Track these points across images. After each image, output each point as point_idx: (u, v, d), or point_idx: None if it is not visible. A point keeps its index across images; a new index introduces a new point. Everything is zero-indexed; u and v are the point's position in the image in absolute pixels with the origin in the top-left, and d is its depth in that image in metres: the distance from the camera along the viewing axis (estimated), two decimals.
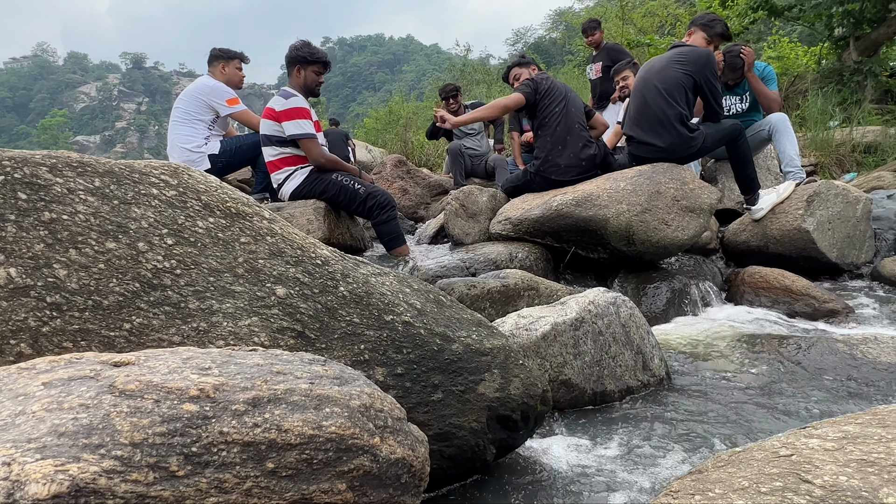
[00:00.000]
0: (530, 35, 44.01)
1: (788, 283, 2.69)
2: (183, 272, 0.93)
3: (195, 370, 0.58)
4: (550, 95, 3.24)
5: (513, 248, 2.95)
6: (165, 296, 0.91)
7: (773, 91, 3.67)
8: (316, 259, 1.06)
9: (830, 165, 7.18)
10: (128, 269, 0.89)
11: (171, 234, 0.92)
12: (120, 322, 0.89)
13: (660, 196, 2.75)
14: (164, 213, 0.92)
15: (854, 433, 0.71)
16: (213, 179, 1.03)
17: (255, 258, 0.99)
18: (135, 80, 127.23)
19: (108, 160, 0.93)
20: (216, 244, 0.96)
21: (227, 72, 3.79)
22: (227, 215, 0.99)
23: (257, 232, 1.01)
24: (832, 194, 3.15)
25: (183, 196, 0.96)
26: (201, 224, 0.95)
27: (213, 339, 0.94)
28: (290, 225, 1.09)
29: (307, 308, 1.02)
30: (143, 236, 0.90)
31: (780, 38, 10.54)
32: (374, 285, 1.12)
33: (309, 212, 3.20)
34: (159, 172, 0.96)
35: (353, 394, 0.63)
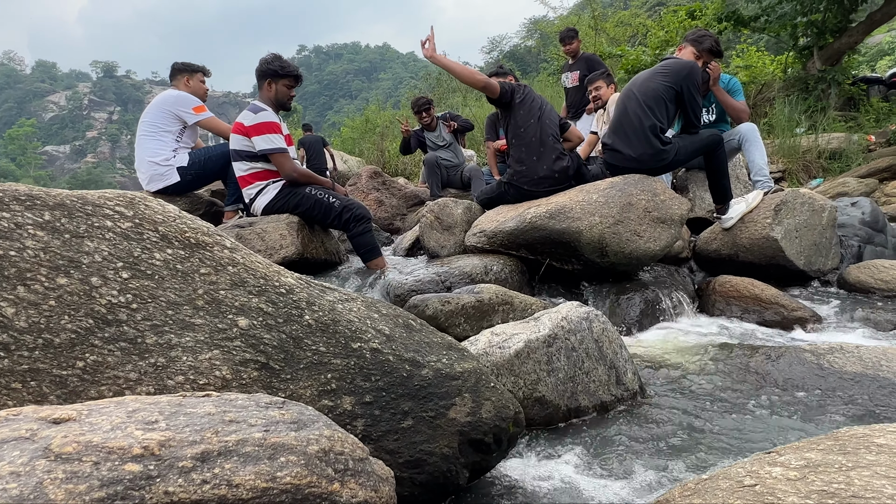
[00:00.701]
0: (506, 43, 44.39)
1: (758, 292, 2.73)
2: (139, 306, 0.90)
3: (140, 425, 0.56)
4: (525, 105, 3.26)
5: (488, 260, 2.95)
6: (121, 331, 0.88)
7: (740, 102, 3.74)
8: (280, 288, 1.04)
9: (798, 171, 7.38)
10: (80, 305, 0.86)
11: (126, 267, 0.89)
12: (73, 360, 0.86)
13: (632, 208, 2.78)
14: (119, 246, 0.89)
15: (816, 461, 0.71)
16: (171, 209, 1.00)
17: (215, 289, 0.96)
18: (106, 88, 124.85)
19: (59, 192, 0.90)
20: (175, 276, 0.93)
21: (191, 85, 3.74)
22: (187, 246, 0.96)
23: (218, 262, 0.99)
24: (799, 203, 3.22)
25: (139, 227, 0.93)
26: (159, 256, 0.92)
27: (171, 375, 0.91)
28: (253, 253, 1.06)
29: (271, 338, 1.00)
30: (96, 271, 0.87)
31: (748, 46, 10.81)
32: (340, 312, 1.10)
33: (282, 227, 3.16)
34: (114, 204, 0.93)
35: (310, 438, 0.61)
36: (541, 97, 3.38)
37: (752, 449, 1.43)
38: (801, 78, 8.82)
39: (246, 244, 3.03)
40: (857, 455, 0.71)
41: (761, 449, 1.41)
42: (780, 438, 1.48)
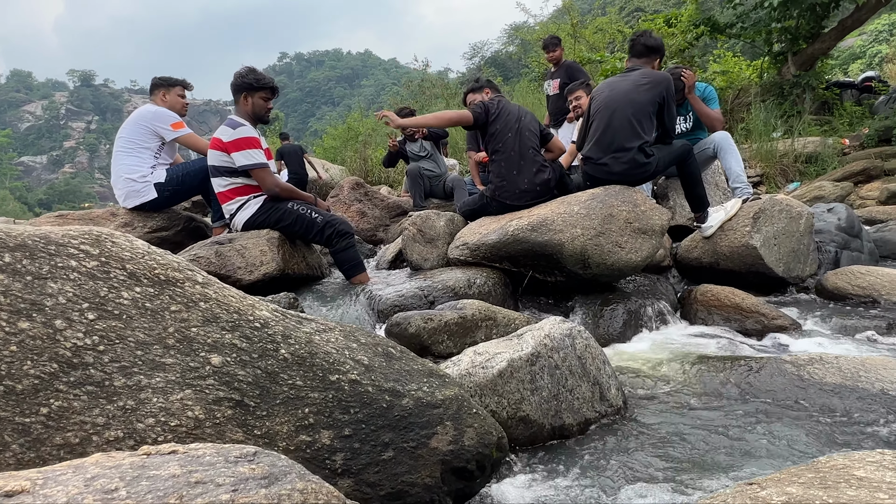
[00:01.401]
0: (487, 49, 44.65)
1: (738, 301, 2.76)
2: (107, 348, 0.87)
3: (99, 494, 0.53)
4: (501, 119, 3.25)
5: (471, 273, 2.93)
6: (87, 375, 0.85)
7: (715, 110, 3.79)
8: (254, 322, 1.01)
9: (775, 175, 7.50)
10: (44, 349, 0.83)
11: (92, 308, 0.87)
12: (36, 407, 0.82)
13: (613, 219, 2.79)
14: (84, 287, 0.86)
15: (797, 497, 0.71)
16: (139, 245, 0.97)
17: (187, 327, 0.94)
18: (83, 97, 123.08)
19: (21, 231, 0.86)
20: (143, 315, 0.90)
21: (168, 100, 3.66)
22: (156, 283, 0.93)
23: (189, 298, 0.96)
24: (776, 210, 3.26)
25: (106, 266, 0.90)
26: (126, 295, 0.90)
27: (141, 418, 0.88)
28: (227, 286, 1.04)
29: (245, 375, 0.98)
30: (60, 313, 0.84)
31: (725, 52, 10.98)
32: (317, 344, 1.08)
33: (262, 242, 3.12)
34: (79, 242, 0.90)
35: (282, 495, 0.59)
36: (518, 108, 3.37)
37: (734, 468, 1.44)
38: (776, 83, 8.98)
39: (226, 261, 2.99)
40: (838, 489, 0.70)
41: (744, 470, 1.42)
42: (763, 457, 1.48)
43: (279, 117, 49.15)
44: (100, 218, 3.46)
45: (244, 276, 3.00)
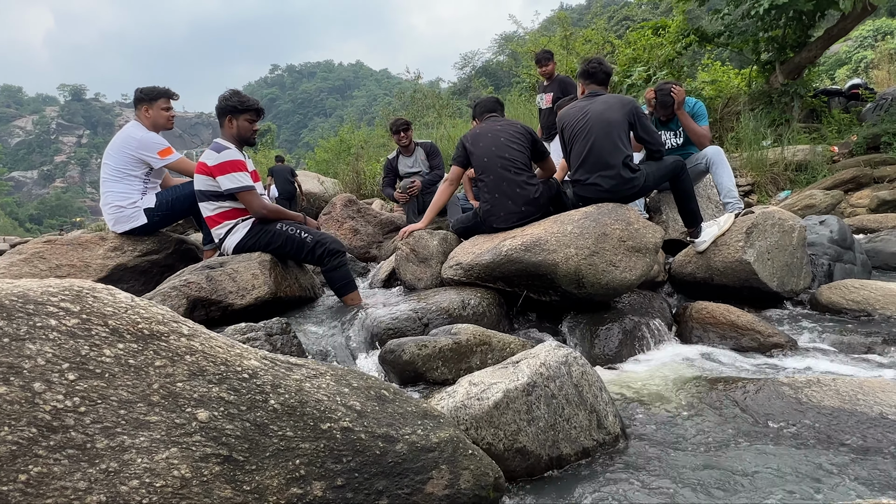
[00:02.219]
0: (478, 59, 44.92)
1: (734, 319, 2.74)
2: (88, 409, 0.84)
3: None
4: (478, 149, 3.31)
5: (465, 294, 2.91)
6: (68, 438, 0.82)
7: (703, 127, 3.81)
8: (242, 373, 0.99)
9: (766, 184, 7.54)
10: (22, 414, 0.80)
11: (73, 368, 0.84)
12: (14, 474, 0.79)
13: (606, 238, 2.78)
14: (64, 346, 0.84)
15: None
16: (122, 299, 0.94)
17: (172, 382, 0.91)
18: (74, 112, 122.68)
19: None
20: (127, 372, 0.88)
21: (151, 115, 3.52)
22: (139, 338, 0.91)
23: (174, 352, 0.93)
24: (769, 224, 3.26)
25: (87, 323, 0.87)
26: (109, 352, 0.87)
27: (125, 480, 0.85)
28: (214, 335, 1.01)
29: (234, 428, 0.95)
30: (39, 375, 0.81)
31: (713, 61, 11.08)
32: (308, 392, 1.05)
33: (254, 266, 3.09)
34: (59, 300, 0.87)
35: None
36: (498, 130, 3.35)
37: (733, 499, 1.41)
38: (764, 92, 9.05)
39: (217, 285, 2.95)
40: None
41: (743, 501, 1.40)
42: (762, 488, 1.46)
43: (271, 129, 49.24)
44: (89, 242, 3.41)
45: (236, 300, 2.96)
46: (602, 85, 3.37)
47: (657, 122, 3.94)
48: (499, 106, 3.60)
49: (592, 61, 3.40)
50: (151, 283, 3.51)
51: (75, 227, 46.85)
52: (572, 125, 3.18)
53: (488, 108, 3.56)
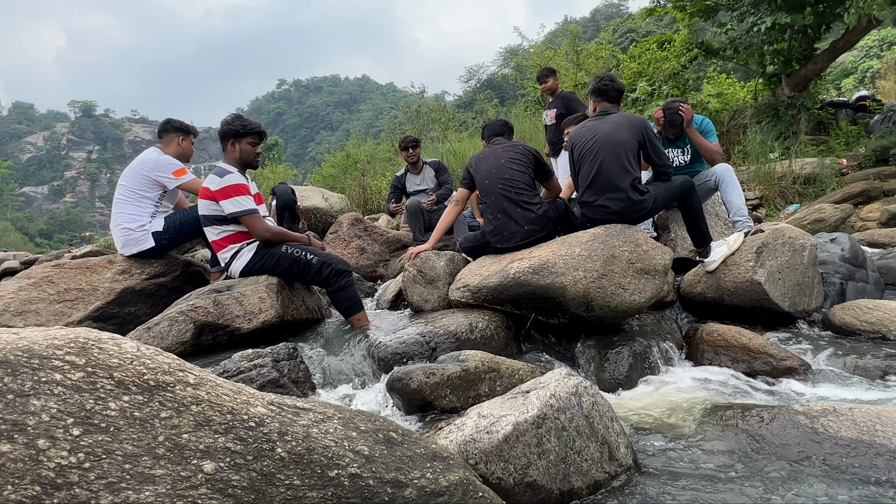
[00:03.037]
0: (483, 72, 45.20)
1: (745, 342, 2.70)
2: (93, 464, 0.83)
3: None
4: (480, 172, 3.35)
5: (473, 317, 2.89)
6: (72, 495, 0.81)
7: (713, 143, 3.79)
8: (249, 421, 0.97)
9: (774, 197, 7.48)
10: (25, 472, 0.79)
11: (78, 423, 0.83)
12: None
13: (615, 260, 2.75)
14: (69, 401, 0.83)
15: None
16: (128, 349, 0.93)
17: (178, 433, 0.90)
18: (84, 128, 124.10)
19: (2, 346, 0.83)
20: (132, 425, 0.86)
21: (183, 146, 3.71)
22: (145, 390, 0.90)
23: (180, 403, 0.92)
24: (779, 243, 3.23)
25: (92, 377, 0.86)
26: (114, 405, 0.86)
27: None
28: (221, 382, 1.00)
29: (240, 479, 0.93)
30: (43, 432, 0.80)
31: (718, 74, 11.08)
32: (315, 438, 1.03)
33: (261, 289, 3.09)
34: (64, 353, 0.86)
35: None
36: (500, 152, 3.37)
37: None
38: (771, 104, 9.02)
39: (224, 309, 2.94)
40: None
41: None
42: None
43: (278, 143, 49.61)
44: (97, 266, 3.43)
45: (243, 324, 2.96)
46: (614, 102, 3.35)
47: (665, 140, 3.92)
48: (506, 129, 3.60)
49: (604, 78, 3.38)
50: (159, 305, 3.51)
51: (85, 242, 47.21)
52: (581, 145, 3.17)
53: (495, 132, 3.57)
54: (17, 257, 14.35)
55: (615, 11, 50.18)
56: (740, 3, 8.81)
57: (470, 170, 3.43)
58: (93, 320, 3.25)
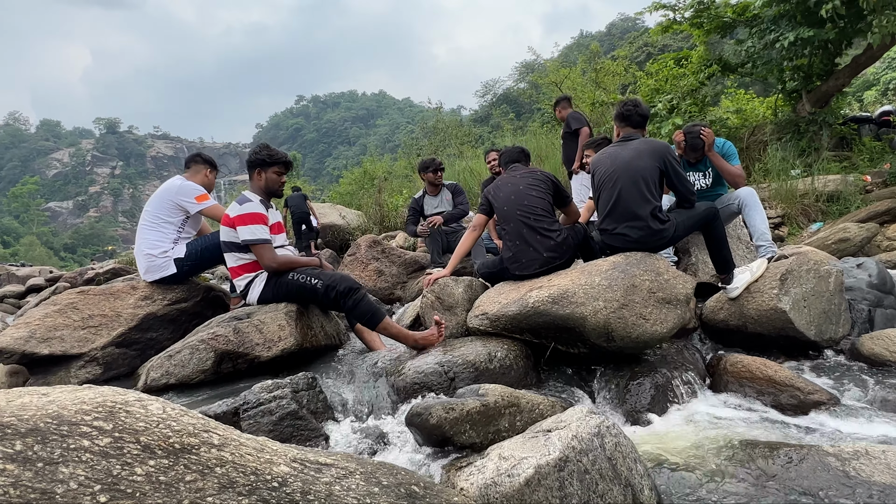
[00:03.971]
0: (499, 87, 45.45)
1: (771, 374, 2.64)
2: None
3: None
4: (499, 199, 3.36)
5: (491, 346, 2.87)
6: None
7: (735, 166, 3.74)
8: (272, 482, 0.97)
9: (796, 215, 7.36)
10: None
11: (104, 489, 0.83)
12: None
13: (635, 290, 2.72)
14: (96, 468, 0.83)
15: None
16: (154, 412, 0.94)
17: (202, 497, 0.90)
18: (108, 144, 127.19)
19: (33, 414, 0.84)
20: (157, 490, 0.86)
21: (210, 177, 3.87)
22: (171, 453, 0.90)
23: (205, 465, 0.92)
24: (804, 270, 3.17)
25: (119, 442, 0.87)
26: (140, 470, 0.86)
27: None
28: (245, 440, 1.00)
29: None
30: (71, 500, 0.81)
31: (737, 90, 10.99)
32: (338, 496, 1.03)
33: (280, 317, 3.12)
34: (92, 418, 0.87)
35: None
36: (518, 178, 3.38)
37: None
38: (791, 120, 8.92)
39: (244, 338, 2.97)
40: None
41: None
42: None
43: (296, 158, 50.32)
44: (121, 292, 3.48)
45: (262, 352, 2.98)
46: (638, 128, 3.33)
47: (686, 163, 3.89)
48: (523, 156, 3.61)
49: (628, 103, 3.37)
50: (180, 330, 3.56)
51: (107, 256, 48.15)
52: (601, 172, 3.16)
53: (512, 159, 3.58)
54: (41, 273, 14.68)
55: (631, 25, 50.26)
56: (759, 20, 8.75)
57: (488, 196, 3.44)
58: (115, 346, 3.30)
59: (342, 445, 2.31)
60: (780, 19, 8.23)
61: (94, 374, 3.19)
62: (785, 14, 8.19)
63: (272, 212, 3.33)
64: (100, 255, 50.66)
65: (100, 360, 3.22)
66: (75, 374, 3.16)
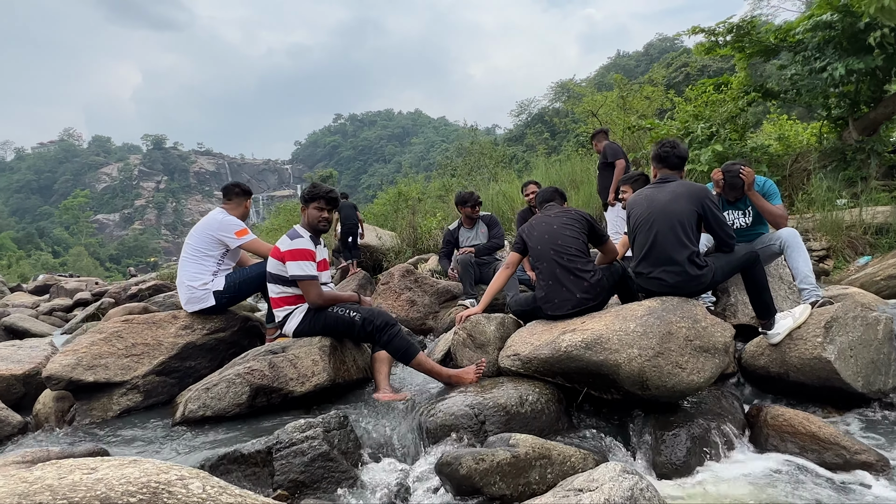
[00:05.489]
0: (534, 106, 45.50)
1: (815, 430, 2.54)
2: None
3: None
4: (533, 237, 3.36)
5: (523, 389, 2.85)
6: None
7: (777, 206, 3.64)
8: None
9: (842, 248, 7.09)
10: None
11: None
12: None
13: (672, 337, 2.67)
14: None
15: None
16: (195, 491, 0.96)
17: None
18: (155, 159, 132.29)
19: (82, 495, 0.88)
20: None
21: (248, 207, 4.01)
22: None
23: None
24: (851, 317, 3.05)
25: None
26: None
27: None
28: None
29: None
30: None
31: (779, 115, 10.74)
32: None
33: (314, 352, 3.17)
34: (137, 500, 0.90)
35: None
36: (552, 217, 3.38)
37: None
38: (837, 148, 8.64)
39: (279, 372, 3.03)
40: None
41: None
42: None
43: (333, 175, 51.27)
44: (163, 321, 3.60)
45: (296, 387, 3.03)
46: (675, 169, 3.30)
47: (724, 201, 3.80)
48: (557, 195, 3.60)
49: (665, 144, 3.34)
50: (217, 359, 3.65)
51: (150, 267, 49.80)
52: (637, 214, 3.13)
53: (546, 198, 3.58)
54: (88, 286, 15.27)
55: (669, 46, 49.82)
56: (803, 46, 8.55)
57: (523, 234, 3.44)
58: (156, 374, 3.41)
59: (371, 490, 2.32)
60: (826, 46, 8.03)
61: (134, 402, 3.29)
62: (830, 40, 8.00)
63: (319, 248, 3.43)
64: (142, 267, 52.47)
65: (140, 387, 3.33)
66: (117, 401, 3.27)
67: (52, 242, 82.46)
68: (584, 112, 11.58)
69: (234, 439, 2.54)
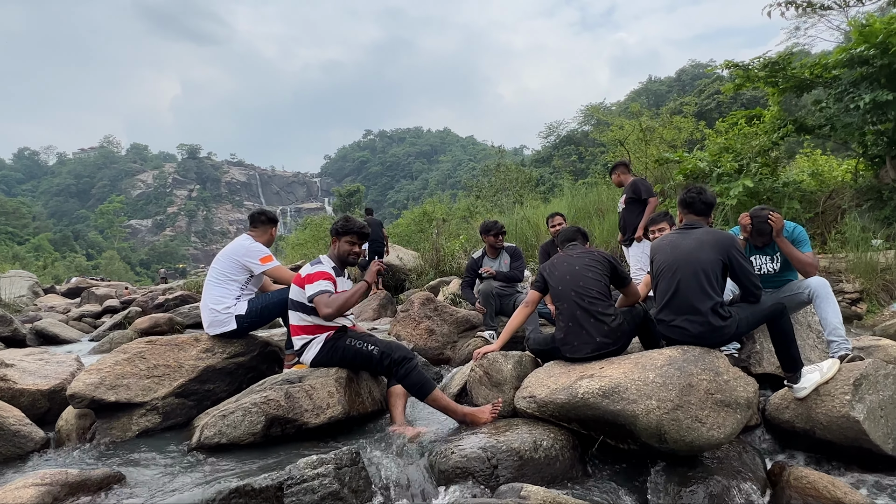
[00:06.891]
0: (563, 128, 45.46)
1: (840, 496, 2.44)
2: None
3: None
4: (554, 277, 3.34)
5: (537, 433, 2.81)
6: None
7: (806, 254, 3.55)
8: None
9: (877, 292, 6.87)
10: None
11: None
12: None
13: (692, 390, 2.61)
14: None
15: None
16: None
17: None
18: (188, 168, 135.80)
19: None
20: None
21: (273, 234, 4.11)
22: None
23: None
24: (881, 375, 2.95)
25: None
26: None
27: None
28: None
29: None
30: None
31: (812, 150, 10.53)
32: None
33: (330, 383, 3.19)
34: None
35: None
36: (574, 258, 3.36)
37: None
38: (873, 187, 8.42)
39: (294, 403, 3.05)
40: None
41: None
42: None
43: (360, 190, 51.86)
44: (185, 343, 3.67)
45: (311, 419, 3.05)
46: (701, 216, 3.25)
47: (752, 247, 3.73)
48: (579, 235, 3.59)
49: (692, 190, 3.30)
50: (235, 383, 3.69)
51: (178, 273, 50.78)
52: (660, 260, 3.09)
53: (568, 238, 3.56)
54: (117, 293, 15.63)
55: (701, 72, 49.39)
56: (839, 81, 8.41)
57: (544, 273, 3.43)
58: (175, 396, 3.46)
59: None
60: (861, 82, 7.88)
61: (153, 423, 3.35)
62: (868, 77, 7.85)
63: (342, 280, 3.46)
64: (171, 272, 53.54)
65: (160, 409, 3.38)
66: (136, 421, 3.33)
67: (87, 245, 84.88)
68: (611, 141, 11.53)
69: (247, 473, 2.56)
